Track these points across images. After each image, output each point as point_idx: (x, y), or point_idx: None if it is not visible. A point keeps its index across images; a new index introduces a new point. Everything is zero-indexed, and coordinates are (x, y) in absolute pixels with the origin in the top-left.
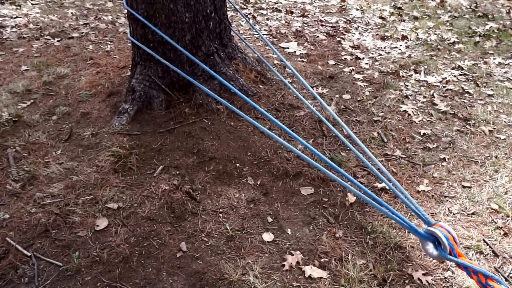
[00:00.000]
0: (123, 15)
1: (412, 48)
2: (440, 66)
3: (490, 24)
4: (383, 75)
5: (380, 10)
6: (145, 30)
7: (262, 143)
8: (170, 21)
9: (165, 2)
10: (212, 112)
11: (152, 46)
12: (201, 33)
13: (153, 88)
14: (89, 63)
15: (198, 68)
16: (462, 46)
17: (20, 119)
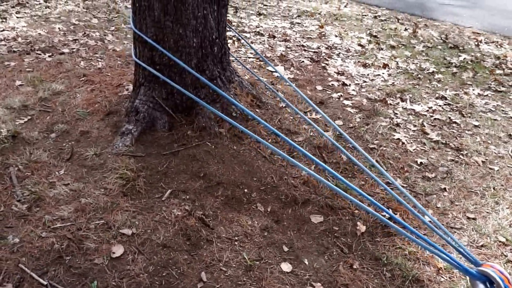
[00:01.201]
0: (110, 32)
1: (394, 76)
2: (424, 95)
3: (463, 56)
4: (371, 102)
5: (357, 38)
6: (153, 53)
7: (266, 168)
8: (178, 45)
9: (175, 27)
10: (215, 135)
11: (158, 68)
12: (206, 58)
13: (156, 110)
14: (82, 80)
15: (201, 91)
16: (441, 76)
17: (19, 135)
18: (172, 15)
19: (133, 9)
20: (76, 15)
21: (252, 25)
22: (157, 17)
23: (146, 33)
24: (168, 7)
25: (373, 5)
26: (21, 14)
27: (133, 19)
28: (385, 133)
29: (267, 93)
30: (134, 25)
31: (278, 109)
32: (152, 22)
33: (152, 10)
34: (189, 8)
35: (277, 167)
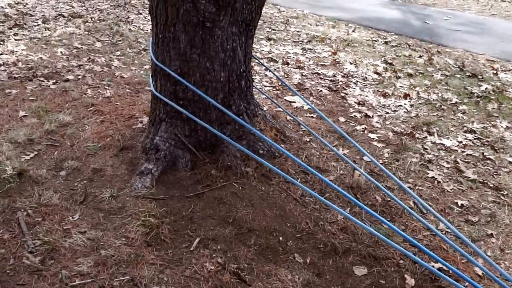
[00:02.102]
0: (116, 57)
1: (417, 107)
2: (451, 128)
3: (484, 85)
4: (397, 136)
5: (373, 65)
6: (176, 87)
7: (299, 212)
8: (204, 79)
9: (202, 60)
10: (241, 175)
11: (181, 104)
12: (233, 93)
13: (178, 148)
14: (91, 110)
15: (227, 128)
16: (466, 107)
17: (25, 174)
18: (199, 48)
19: (155, 40)
20: (78, 38)
21: (264, 51)
22: (183, 50)
23: (170, 66)
24: (195, 39)
25: (381, 30)
26: (19, 36)
27: (153, 51)
28: (418, 170)
29: (289, 126)
30: (155, 57)
31: (302, 143)
32: (176, 55)
33: (177, 42)
34: (218, 41)
35: (311, 211)
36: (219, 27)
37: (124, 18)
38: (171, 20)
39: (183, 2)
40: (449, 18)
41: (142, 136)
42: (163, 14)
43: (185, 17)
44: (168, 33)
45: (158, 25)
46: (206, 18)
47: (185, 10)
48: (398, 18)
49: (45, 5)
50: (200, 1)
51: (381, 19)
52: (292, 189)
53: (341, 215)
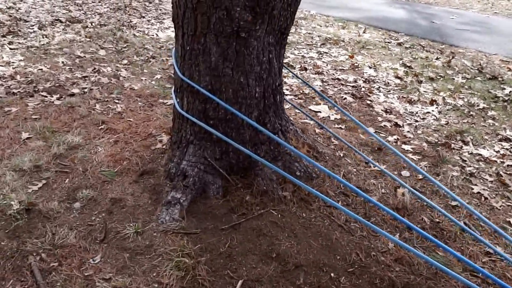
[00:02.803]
0: (123, 66)
1: (445, 114)
2: (484, 136)
3: (507, 89)
4: (432, 147)
5: (392, 69)
6: (206, 106)
7: (347, 241)
8: (238, 96)
9: (235, 75)
10: (279, 200)
11: (212, 123)
12: (268, 109)
13: (208, 173)
14: (102, 129)
15: (261, 148)
16: (494, 112)
17: (34, 208)
18: (233, 61)
19: (181, 53)
20: (80, 45)
21: None
22: (214, 63)
23: (199, 81)
24: (228, 52)
25: (391, 30)
26: (15, 45)
27: (178, 65)
28: (462, 185)
29: (319, 139)
30: (181, 72)
31: (337, 159)
32: (207, 69)
33: (207, 55)
34: (253, 53)
35: (359, 239)
36: (255, 37)
37: (126, 23)
38: (201, 30)
39: (215, 9)
40: (455, 17)
41: (164, 159)
42: (191, 23)
43: (217, 27)
44: (197, 45)
45: (185, 36)
46: (241, 27)
47: (217, 18)
48: (405, 18)
49: (39, 10)
50: (234, 9)
51: (388, 18)
52: (335, 214)
53: (392, 243)
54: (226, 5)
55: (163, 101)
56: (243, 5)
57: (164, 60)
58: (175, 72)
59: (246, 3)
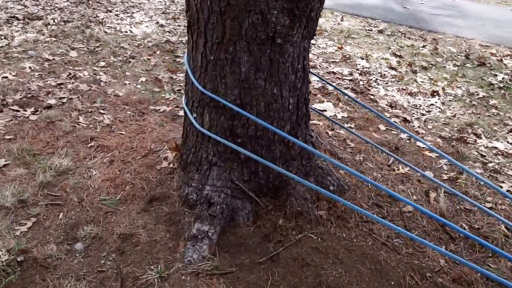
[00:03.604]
0: (101, 69)
1: (448, 105)
2: (494, 127)
3: (499, 75)
4: (447, 142)
5: (384, 59)
6: (233, 122)
7: (395, 262)
8: (270, 109)
9: (268, 86)
10: (316, 222)
11: (240, 142)
12: (300, 121)
13: (236, 197)
14: (92, 147)
15: (293, 164)
16: (495, 101)
17: (27, 256)
18: (266, 71)
19: (201, 63)
20: (46, 46)
21: None
22: (245, 74)
23: (225, 95)
24: (261, 61)
25: (368, 17)
26: None
27: (196, 76)
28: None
29: (334, 143)
30: (201, 85)
31: (358, 164)
32: (236, 81)
33: (237, 65)
34: (288, 60)
35: (407, 258)
36: (291, 43)
37: (92, 18)
38: (229, 38)
39: (249, 13)
40: (425, 1)
41: (174, 180)
42: (217, 29)
43: (250, 33)
44: (225, 54)
45: (208, 44)
46: (277, 32)
47: (250, 24)
48: (378, 4)
49: None
50: (271, 12)
51: (362, 5)
52: (375, 231)
53: (443, 259)
54: (262, 8)
55: (154, 108)
56: (281, 7)
57: (146, 59)
58: (190, 83)
59: (284, 5)
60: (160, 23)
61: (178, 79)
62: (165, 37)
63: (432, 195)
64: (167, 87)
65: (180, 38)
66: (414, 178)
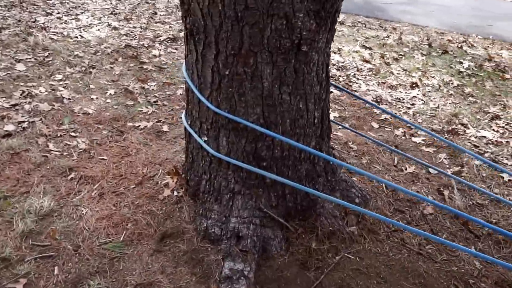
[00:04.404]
0: (59, 83)
1: (429, 96)
2: (477, 116)
3: (465, 63)
4: (440, 135)
5: (355, 52)
6: (257, 145)
7: (436, 272)
8: (296, 126)
9: (293, 100)
10: (349, 240)
11: (265, 165)
12: (324, 135)
13: (266, 226)
14: (73, 179)
15: (319, 182)
16: (470, 89)
17: None
18: (291, 84)
19: (212, 79)
20: None
21: None
22: (268, 90)
23: (246, 115)
24: (286, 72)
25: None
26: None
27: (203, 93)
28: (491, 175)
29: (336, 146)
30: (213, 104)
31: (366, 167)
32: (257, 98)
33: (258, 80)
34: (313, 69)
35: (445, 265)
36: (316, 50)
37: (31, 23)
38: (249, 48)
39: (271, 18)
40: None
41: (183, 211)
42: (233, 39)
43: (274, 41)
44: (244, 68)
45: (221, 57)
46: (303, 38)
47: (273, 30)
48: None
49: None
50: (296, 16)
51: None
52: (407, 240)
53: (478, 261)
54: (286, 12)
55: (133, 125)
56: (307, 9)
57: (108, 68)
58: (195, 102)
59: (310, 7)
60: (112, 25)
61: (151, 89)
62: (124, 42)
63: (445, 193)
64: (142, 99)
65: (141, 41)
66: (422, 176)
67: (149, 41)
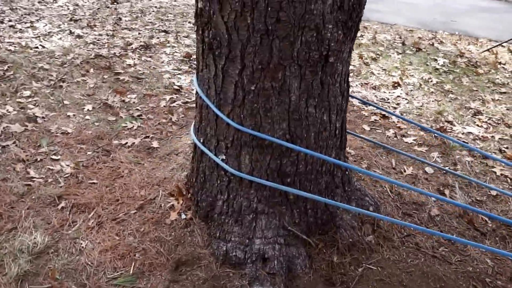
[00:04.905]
0: (27, 101)
1: (412, 95)
2: (460, 112)
3: (439, 60)
4: (429, 134)
5: None
6: (282, 161)
7: (454, 274)
8: (319, 139)
9: (319, 113)
10: (369, 250)
11: (289, 182)
12: (342, 145)
13: (290, 245)
14: (64, 208)
15: (337, 193)
16: (449, 86)
17: None
18: (317, 96)
19: (235, 95)
20: None
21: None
22: (295, 104)
23: (272, 131)
24: (313, 85)
25: None
26: None
27: (222, 110)
28: (483, 171)
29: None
30: (235, 121)
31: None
32: (284, 113)
33: (286, 94)
34: (338, 80)
35: (460, 266)
36: (340, 60)
37: None
38: (279, 62)
39: (302, 30)
40: None
41: (195, 235)
42: (262, 53)
43: (303, 54)
44: (272, 82)
45: (247, 72)
46: (331, 50)
47: (303, 43)
48: None
49: None
50: (326, 27)
51: None
52: (421, 244)
53: (489, 258)
54: (317, 23)
55: (119, 142)
56: (336, 20)
57: (80, 81)
58: (211, 119)
59: (339, 17)
60: (75, 33)
61: (132, 102)
62: (93, 51)
63: (446, 192)
64: (124, 114)
65: (111, 50)
66: (421, 177)
67: (120, 49)
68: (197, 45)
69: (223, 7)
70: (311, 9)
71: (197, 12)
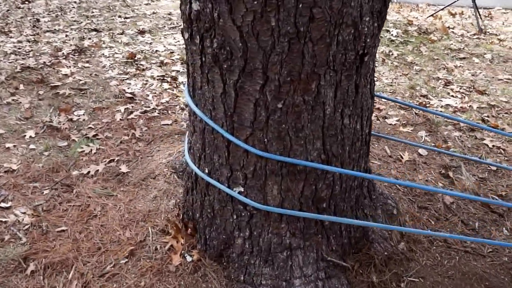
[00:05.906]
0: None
1: (379, 71)
2: (431, 84)
3: (392, 31)
4: (409, 112)
5: None
6: (317, 186)
7: (493, 268)
8: (353, 151)
9: (352, 123)
10: (406, 260)
11: (324, 207)
12: (368, 152)
13: (331, 276)
14: (35, 272)
15: (365, 205)
16: (411, 58)
17: None
18: (351, 104)
19: (255, 116)
20: None
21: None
22: (330, 117)
23: (304, 154)
24: (348, 92)
25: None
26: None
27: (238, 135)
28: (476, 144)
29: None
30: (257, 148)
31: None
32: (318, 130)
33: (320, 108)
34: (369, 81)
35: (494, 259)
36: (372, 58)
37: None
38: (313, 70)
39: (339, 28)
40: None
41: (209, 280)
42: (291, 61)
43: (340, 57)
44: (304, 96)
45: (271, 86)
46: (366, 47)
47: (340, 43)
48: None
49: None
50: (363, 20)
51: None
52: (449, 240)
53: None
54: (354, 17)
55: (79, 173)
56: (371, 10)
57: (12, 102)
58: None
59: (374, 6)
60: None
61: (81, 120)
62: (16, 63)
63: (451, 174)
64: (76, 136)
65: (40, 59)
66: (420, 162)
67: (50, 57)
68: (191, 56)
69: (235, 8)
70: (349, 1)
71: (189, 16)
